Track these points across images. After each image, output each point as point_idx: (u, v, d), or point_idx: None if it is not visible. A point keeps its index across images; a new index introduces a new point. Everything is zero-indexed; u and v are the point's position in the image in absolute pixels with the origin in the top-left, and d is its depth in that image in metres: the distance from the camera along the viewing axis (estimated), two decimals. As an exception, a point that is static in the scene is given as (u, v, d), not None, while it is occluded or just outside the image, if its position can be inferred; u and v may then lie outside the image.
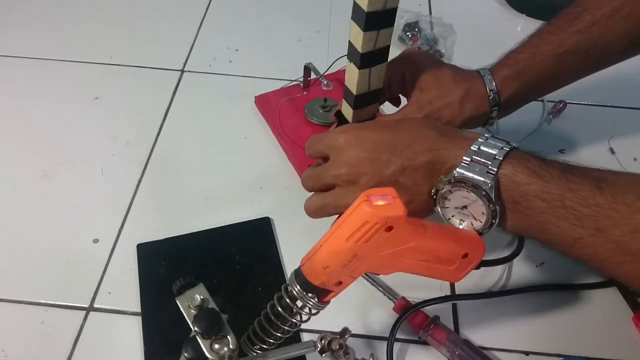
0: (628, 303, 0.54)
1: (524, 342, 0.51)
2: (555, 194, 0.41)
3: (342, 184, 0.47)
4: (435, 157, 0.45)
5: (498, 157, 0.43)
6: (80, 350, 0.50)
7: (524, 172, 0.42)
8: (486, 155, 0.43)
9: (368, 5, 0.44)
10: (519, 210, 0.43)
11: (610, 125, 0.72)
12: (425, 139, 0.46)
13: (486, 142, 0.44)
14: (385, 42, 0.49)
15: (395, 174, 0.45)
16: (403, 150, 0.45)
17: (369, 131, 0.47)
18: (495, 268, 0.56)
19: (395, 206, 0.34)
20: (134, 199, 0.61)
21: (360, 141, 0.47)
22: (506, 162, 0.43)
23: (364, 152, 0.46)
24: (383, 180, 0.45)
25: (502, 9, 0.92)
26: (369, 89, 0.52)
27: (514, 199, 0.43)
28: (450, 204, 0.45)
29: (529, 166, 0.43)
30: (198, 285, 0.41)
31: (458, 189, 0.43)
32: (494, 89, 0.54)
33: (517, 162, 0.43)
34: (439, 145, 0.45)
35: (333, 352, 0.39)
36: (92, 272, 0.55)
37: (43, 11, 0.86)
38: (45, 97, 0.73)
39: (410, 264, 0.39)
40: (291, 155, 0.65)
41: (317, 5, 0.89)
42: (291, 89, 0.72)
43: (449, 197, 0.45)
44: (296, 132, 0.66)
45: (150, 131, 0.69)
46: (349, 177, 0.46)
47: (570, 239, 0.41)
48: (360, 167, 0.46)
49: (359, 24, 0.46)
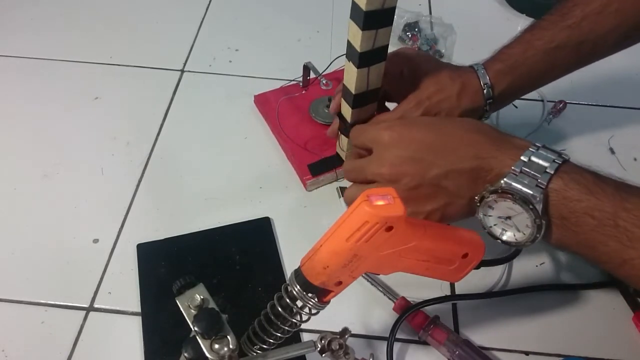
0: (628, 303, 0.54)
1: (524, 342, 0.51)
2: (608, 213, 0.40)
3: (383, 182, 0.46)
4: (481, 165, 0.44)
5: (549, 170, 0.41)
6: (80, 350, 0.50)
7: (575, 187, 0.41)
8: (537, 168, 0.41)
9: (367, 4, 0.44)
10: (567, 226, 0.42)
11: (610, 125, 0.72)
12: (472, 144, 0.44)
13: (537, 153, 0.42)
14: (384, 41, 0.48)
15: (438, 177, 0.44)
16: (449, 154, 0.44)
17: (415, 130, 0.46)
18: (495, 268, 0.56)
19: (395, 206, 0.34)
20: (134, 199, 0.61)
21: (405, 140, 0.46)
22: (557, 177, 0.41)
23: (408, 152, 0.45)
24: (424, 182, 0.45)
25: (502, 9, 0.92)
26: (368, 88, 0.52)
27: (562, 215, 0.41)
28: (494, 213, 0.44)
29: (582, 182, 0.41)
30: (198, 285, 0.42)
31: (504, 199, 0.42)
32: (488, 83, 0.54)
33: (569, 177, 0.41)
34: (487, 152, 0.44)
35: (333, 352, 0.39)
36: (92, 272, 0.55)
37: (43, 11, 0.86)
38: (45, 97, 0.72)
39: (410, 264, 0.39)
40: (290, 155, 0.65)
41: (317, 5, 0.89)
42: (290, 88, 0.72)
43: (493, 206, 0.44)
44: (295, 131, 0.66)
45: (150, 131, 0.69)
46: (390, 176, 0.45)
47: (619, 259, 0.40)
48: (403, 168, 0.45)
49: (357, 23, 0.46)
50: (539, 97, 0.75)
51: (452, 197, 0.45)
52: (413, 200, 0.45)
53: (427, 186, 0.45)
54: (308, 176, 0.62)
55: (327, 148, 0.64)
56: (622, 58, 0.83)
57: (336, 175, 0.63)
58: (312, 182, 0.62)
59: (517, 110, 0.74)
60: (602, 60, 0.82)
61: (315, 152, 0.64)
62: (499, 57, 0.56)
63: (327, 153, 0.64)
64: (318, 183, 0.63)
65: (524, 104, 0.74)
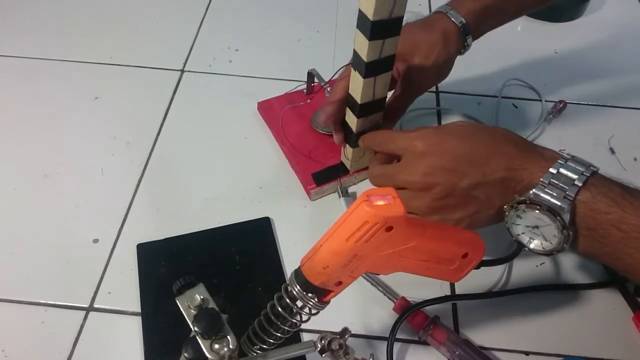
0: (628, 303, 0.54)
1: (524, 342, 0.51)
2: (635, 225, 0.40)
3: (414, 190, 0.47)
4: (512, 175, 0.44)
5: (577, 183, 0.42)
6: (80, 350, 0.50)
7: (603, 200, 0.41)
8: (565, 180, 0.42)
9: (374, 14, 0.43)
10: (594, 237, 0.42)
11: (610, 125, 0.72)
12: (504, 156, 0.45)
13: (566, 165, 0.43)
14: (391, 51, 0.48)
15: (469, 188, 0.45)
16: (481, 165, 0.45)
17: (448, 140, 0.46)
18: (495, 268, 0.56)
19: (395, 206, 0.34)
20: (134, 199, 0.61)
21: (439, 150, 0.46)
22: (585, 189, 0.42)
23: (441, 162, 0.45)
24: (455, 192, 0.45)
25: (502, 9, 0.92)
26: (374, 97, 0.52)
27: (589, 226, 0.42)
28: (522, 222, 0.45)
29: (609, 194, 0.42)
30: (198, 285, 0.42)
31: (532, 210, 0.43)
32: (463, 21, 0.57)
33: (597, 190, 0.42)
34: (518, 164, 0.44)
35: (333, 352, 0.39)
36: (92, 272, 0.55)
37: (43, 11, 0.86)
38: (45, 97, 0.72)
39: (410, 264, 0.39)
40: (294, 163, 0.64)
41: (317, 5, 0.89)
42: (294, 95, 0.71)
43: (521, 216, 0.44)
44: (299, 140, 0.66)
45: (150, 131, 0.69)
46: (422, 185, 0.46)
47: None
48: (435, 177, 0.45)
49: (364, 33, 0.46)
50: (538, 97, 0.75)
51: (481, 206, 0.46)
52: (442, 208, 0.46)
53: (457, 196, 0.45)
54: (312, 185, 0.61)
55: (331, 156, 0.63)
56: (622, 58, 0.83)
57: (340, 184, 0.62)
58: (316, 191, 0.61)
59: (517, 110, 0.74)
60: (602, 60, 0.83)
61: (319, 161, 0.63)
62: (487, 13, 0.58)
63: (331, 162, 0.63)
64: (322, 192, 0.62)
65: (524, 104, 0.74)
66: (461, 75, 0.75)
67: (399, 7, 0.44)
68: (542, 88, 0.76)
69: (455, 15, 0.57)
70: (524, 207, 0.43)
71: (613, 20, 0.89)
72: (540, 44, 0.84)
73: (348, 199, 0.61)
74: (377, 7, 0.43)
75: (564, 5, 0.89)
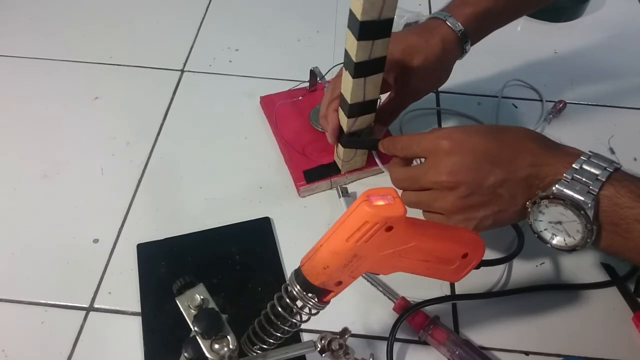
0: (628, 303, 0.54)
1: (524, 342, 0.51)
2: None
3: (440, 189, 0.47)
4: (536, 172, 0.44)
5: (601, 178, 0.42)
6: (80, 350, 0.50)
7: (627, 194, 0.42)
8: (588, 175, 0.42)
9: (362, 14, 0.43)
10: (617, 232, 0.42)
11: (610, 125, 0.72)
12: (528, 153, 0.45)
13: (589, 161, 0.43)
14: (381, 52, 0.48)
15: (495, 186, 0.45)
16: (506, 163, 0.45)
17: (474, 138, 0.46)
18: (495, 268, 0.56)
19: (395, 206, 0.34)
20: (134, 199, 0.61)
21: (464, 149, 0.46)
22: (608, 184, 0.42)
23: (467, 161, 0.45)
24: (481, 190, 0.45)
25: (502, 9, 0.92)
26: (365, 98, 0.52)
27: (612, 221, 0.42)
28: (545, 218, 0.45)
29: (633, 189, 0.42)
30: (198, 285, 0.42)
31: (555, 205, 0.43)
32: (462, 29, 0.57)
33: (620, 185, 0.42)
34: (542, 160, 0.45)
35: (333, 352, 0.39)
36: (92, 272, 0.55)
37: (43, 11, 0.86)
38: (45, 97, 0.72)
39: (410, 264, 0.39)
40: (287, 159, 0.64)
41: (317, 5, 0.89)
42: (297, 92, 0.72)
43: (544, 212, 0.45)
44: (295, 136, 0.66)
45: (150, 131, 0.69)
46: (449, 184, 0.46)
47: None
48: (461, 176, 0.45)
49: (353, 32, 0.46)
50: (538, 97, 0.75)
51: (505, 204, 0.46)
52: (467, 207, 0.46)
53: (482, 194, 0.45)
54: (302, 182, 0.61)
55: (325, 155, 0.63)
56: (622, 58, 0.83)
57: (331, 184, 0.62)
58: (305, 188, 0.62)
59: (517, 110, 0.74)
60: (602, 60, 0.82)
61: (312, 159, 0.63)
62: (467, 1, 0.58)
63: (324, 160, 0.63)
64: (312, 190, 0.62)
65: (524, 104, 0.74)
66: (461, 75, 0.75)
67: (388, 8, 0.44)
68: (542, 88, 0.76)
69: (453, 22, 0.57)
70: (547, 203, 0.43)
71: (613, 20, 0.89)
72: (540, 44, 0.84)
73: (348, 199, 0.61)
74: (365, 7, 0.43)
75: (564, 5, 0.89)
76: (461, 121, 0.71)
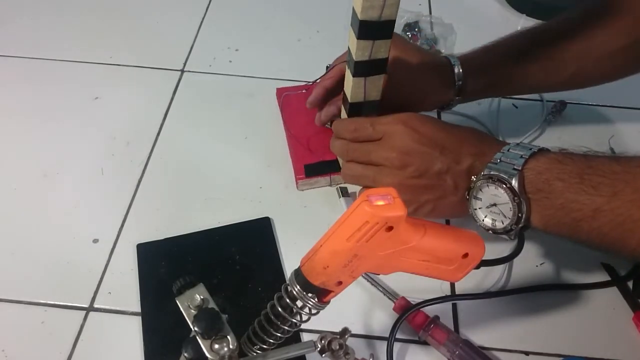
0: (628, 303, 0.54)
1: (524, 342, 0.51)
2: (574, 173, 0.44)
3: (388, 166, 0.50)
4: (474, 162, 0.48)
5: (524, 156, 0.46)
6: (80, 350, 0.50)
7: (546, 162, 0.46)
8: (513, 156, 0.46)
9: (361, 14, 0.43)
10: (543, 197, 0.45)
11: (610, 125, 0.72)
12: (470, 144, 0.49)
13: (516, 146, 0.48)
14: (382, 54, 0.48)
15: (440, 172, 0.49)
16: (452, 151, 0.49)
17: (427, 126, 0.50)
18: (495, 268, 0.56)
19: (396, 206, 0.34)
20: (134, 199, 0.61)
21: (418, 133, 0.49)
22: (532, 159, 0.46)
23: (418, 145, 0.49)
24: (427, 174, 0.49)
25: (502, 9, 0.92)
26: (365, 99, 0.52)
27: (537, 188, 0.45)
28: (482, 204, 0.48)
29: (552, 156, 0.46)
30: (198, 285, 0.42)
31: (487, 185, 0.46)
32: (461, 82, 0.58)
33: (542, 156, 0.46)
34: (480, 150, 0.49)
35: (333, 352, 0.39)
36: (92, 272, 0.55)
37: (43, 11, 0.86)
38: (45, 97, 0.72)
39: (410, 264, 0.39)
40: (292, 151, 0.65)
41: (318, 5, 0.89)
42: (307, 86, 0.72)
43: (480, 197, 0.48)
44: (302, 129, 0.66)
45: (150, 131, 0.69)
46: (398, 161, 0.49)
47: (590, 211, 0.43)
48: (411, 157, 0.49)
49: (354, 30, 0.46)
50: (539, 97, 0.75)
51: (447, 191, 0.49)
52: (413, 188, 0.49)
53: (428, 178, 0.49)
54: (301, 175, 0.62)
55: (329, 152, 0.63)
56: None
57: (330, 181, 0.63)
58: (304, 182, 0.62)
59: (517, 110, 0.74)
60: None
61: (317, 154, 0.64)
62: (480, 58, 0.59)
63: (327, 157, 0.63)
64: (310, 185, 0.62)
65: (524, 104, 0.74)
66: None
67: (389, 9, 0.44)
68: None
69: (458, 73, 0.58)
70: (479, 184, 0.47)
71: (613, 20, 0.89)
72: (540, 44, 0.84)
73: (348, 199, 0.61)
74: (364, 6, 0.43)
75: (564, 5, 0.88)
76: (461, 121, 0.71)
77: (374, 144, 0.51)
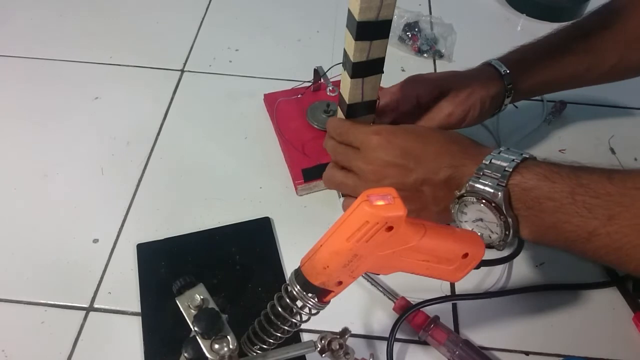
0: (628, 303, 0.54)
1: (524, 342, 0.51)
2: (565, 192, 0.42)
3: (364, 179, 0.49)
4: (454, 174, 0.47)
5: (508, 169, 0.44)
6: (80, 350, 0.50)
7: (533, 178, 0.43)
8: (496, 168, 0.44)
9: (359, 15, 0.43)
10: (533, 215, 0.44)
11: (610, 125, 0.72)
12: (448, 155, 0.48)
13: (498, 155, 0.45)
14: (379, 53, 0.48)
15: (416, 184, 0.48)
16: (428, 162, 0.47)
17: (400, 137, 0.49)
18: (495, 268, 0.56)
19: (396, 206, 0.34)
20: (134, 199, 0.61)
21: (391, 146, 0.49)
22: (516, 172, 0.44)
23: (391, 158, 0.48)
24: (404, 186, 0.48)
25: (502, 9, 0.92)
26: (363, 99, 0.52)
27: (526, 205, 0.44)
28: (468, 218, 0.47)
29: (538, 171, 0.44)
30: (198, 285, 0.42)
31: (472, 202, 0.45)
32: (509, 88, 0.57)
33: (527, 170, 0.44)
34: (459, 161, 0.47)
35: (333, 352, 0.39)
36: (92, 272, 0.55)
37: (43, 11, 0.86)
38: (45, 97, 0.72)
39: (410, 264, 0.39)
40: (287, 157, 0.64)
41: (318, 5, 0.89)
42: (301, 91, 0.71)
43: (465, 211, 0.46)
44: (295, 134, 0.66)
45: (150, 131, 0.69)
46: (373, 175, 0.49)
47: (585, 233, 0.42)
48: (385, 171, 0.48)
49: (351, 32, 0.46)
50: (539, 97, 0.75)
51: (427, 203, 0.49)
52: None
53: (405, 190, 0.48)
54: (300, 180, 0.61)
55: (325, 154, 0.63)
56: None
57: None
58: (303, 187, 0.62)
59: (517, 110, 0.74)
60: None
61: (312, 158, 0.63)
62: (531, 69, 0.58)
63: (323, 159, 0.63)
64: (309, 189, 0.62)
65: (524, 104, 0.74)
66: (461, 75, 0.75)
67: (386, 9, 0.44)
68: (542, 88, 0.76)
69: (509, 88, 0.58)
70: (464, 201, 0.45)
71: (613, 20, 0.89)
72: (540, 44, 0.84)
73: (348, 199, 0.61)
74: (362, 7, 0.43)
75: (564, 5, 0.89)
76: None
77: (354, 152, 0.51)
